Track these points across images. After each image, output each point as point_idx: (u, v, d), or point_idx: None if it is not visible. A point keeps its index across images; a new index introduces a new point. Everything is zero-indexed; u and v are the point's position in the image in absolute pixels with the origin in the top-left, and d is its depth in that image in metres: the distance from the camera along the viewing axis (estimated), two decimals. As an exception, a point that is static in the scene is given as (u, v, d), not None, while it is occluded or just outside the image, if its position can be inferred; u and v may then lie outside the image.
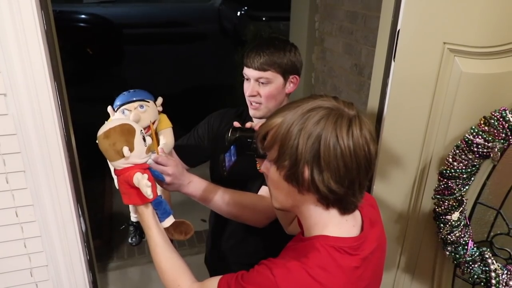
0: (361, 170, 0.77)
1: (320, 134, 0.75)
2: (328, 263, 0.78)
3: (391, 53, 1.29)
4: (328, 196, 0.79)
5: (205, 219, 3.17)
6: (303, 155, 0.76)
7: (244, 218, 1.26)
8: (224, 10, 9.69)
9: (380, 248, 0.93)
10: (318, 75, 2.97)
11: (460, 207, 1.28)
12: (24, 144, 1.22)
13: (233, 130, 1.07)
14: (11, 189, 1.26)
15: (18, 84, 1.16)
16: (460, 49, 1.22)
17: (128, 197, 0.98)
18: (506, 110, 1.16)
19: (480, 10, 1.18)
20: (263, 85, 1.27)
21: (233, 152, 1.05)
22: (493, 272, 1.27)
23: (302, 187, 0.79)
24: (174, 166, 1.11)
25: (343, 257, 0.80)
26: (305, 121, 0.76)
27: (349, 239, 0.83)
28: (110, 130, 0.93)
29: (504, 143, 1.18)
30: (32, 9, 1.11)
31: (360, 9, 2.34)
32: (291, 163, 0.77)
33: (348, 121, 0.76)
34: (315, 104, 0.78)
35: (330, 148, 0.74)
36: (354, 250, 0.82)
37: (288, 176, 0.79)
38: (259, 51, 1.26)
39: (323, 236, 0.82)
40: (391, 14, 1.27)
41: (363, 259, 0.83)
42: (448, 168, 1.26)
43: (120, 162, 0.95)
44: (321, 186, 0.77)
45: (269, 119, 0.82)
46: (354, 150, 0.75)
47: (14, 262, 1.36)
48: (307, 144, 0.75)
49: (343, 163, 0.75)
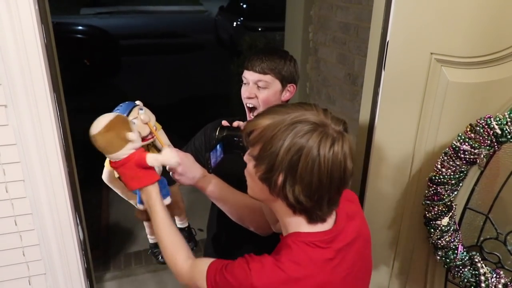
0: (333, 187, 0.81)
1: (302, 147, 0.77)
2: (299, 257, 0.83)
3: (381, 63, 1.33)
4: (295, 206, 0.83)
5: (202, 229, 3.19)
6: (281, 165, 0.79)
7: (251, 221, 1.24)
8: (220, 20, 9.77)
9: (361, 239, 0.95)
10: (312, 84, 3.02)
11: (450, 212, 1.31)
12: (24, 154, 1.25)
13: (220, 129, 1.10)
14: (11, 198, 1.29)
15: (19, 95, 1.19)
16: (447, 59, 1.26)
17: (138, 181, 1.02)
18: (491, 118, 1.20)
19: (466, 22, 1.22)
20: (261, 89, 1.31)
21: (220, 150, 1.09)
22: (482, 276, 1.30)
23: (273, 191, 0.84)
24: (183, 157, 1.12)
25: (314, 250, 0.84)
26: (291, 131, 0.78)
27: (320, 233, 0.86)
28: (110, 122, 0.97)
29: (489, 150, 1.22)
30: (32, 23, 1.14)
31: (353, 20, 2.39)
32: (268, 168, 0.81)
33: (331, 140, 0.78)
34: (303, 117, 0.80)
35: (309, 164, 0.77)
36: (326, 244, 0.86)
37: (262, 178, 0.84)
38: (261, 56, 1.30)
39: (295, 233, 0.87)
40: (380, 26, 1.31)
41: (337, 250, 0.87)
42: (437, 174, 1.29)
43: (127, 149, 0.99)
44: (290, 196, 0.81)
45: (257, 118, 0.85)
46: (331, 168, 0.78)
47: (12, 270, 1.38)
48: (287, 155, 0.78)
49: (318, 179, 0.78)
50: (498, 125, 1.19)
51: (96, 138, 0.96)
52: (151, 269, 2.73)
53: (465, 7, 1.21)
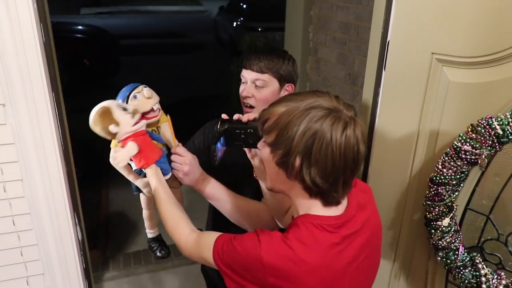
0: (347, 169, 0.84)
1: (316, 131, 0.81)
2: (306, 237, 0.85)
3: (382, 63, 1.32)
4: (312, 188, 0.86)
5: (201, 229, 3.19)
6: (297, 148, 0.82)
7: (248, 225, 1.26)
8: (220, 21, 9.77)
9: (371, 229, 0.97)
10: (312, 85, 3.01)
11: (450, 213, 1.31)
12: (22, 153, 1.24)
13: (221, 122, 1.10)
14: (9, 197, 1.28)
15: (17, 94, 1.18)
16: (448, 59, 1.26)
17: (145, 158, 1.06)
18: (492, 118, 1.20)
19: (466, 21, 1.22)
20: (259, 88, 1.31)
21: (222, 143, 1.10)
22: (483, 277, 1.29)
23: (290, 175, 0.87)
24: (191, 157, 1.17)
25: (321, 233, 0.86)
26: (305, 117, 0.82)
27: (330, 218, 0.89)
28: (94, 118, 1.02)
29: (490, 150, 1.21)
30: (31, 21, 1.13)
31: (353, 20, 2.39)
32: (285, 152, 0.84)
33: (344, 124, 0.82)
34: (317, 103, 0.84)
35: (323, 147, 0.81)
36: (334, 228, 0.88)
37: (279, 162, 0.87)
38: (260, 55, 1.30)
39: (305, 214, 0.90)
40: (381, 26, 1.31)
41: (344, 237, 0.88)
42: (438, 174, 1.29)
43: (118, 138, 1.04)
44: (307, 178, 0.84)
45: (272, 106, 0.89)
46: (344, 150, 0.82)
47: (10, 270, 1.37)
48: (303, 138, 0.81)
49: (332, 161, 0.82)
50: (499, 125, 1.18)
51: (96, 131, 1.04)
52: (150, 269, 2.73)
53: (466, 7, 1.20)
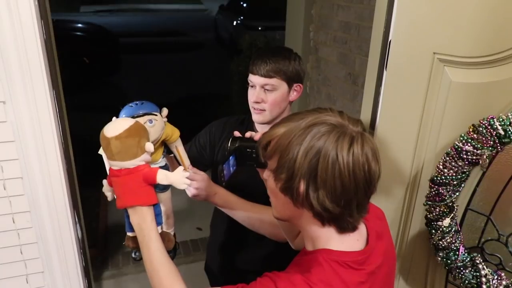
0: (359, 190, 0.75)
1: (320, 150, 0.73)
2: (332, 279, 0.76)
3: (383, 63, 1.32)
4: (322, 214, 0.77)
5: (201, 228, 3.19)
6: (300, 170, 0.74)
7: (264, 232, 1.26)
8: (220, 19, 9.77)
9: (388, 262, 0.90)
10: (313, 84, 3.01)
11: (451, 213, 1.30)
12: (22, 151, 1.24)
13: (232, 140, 1.05)
14: (8, 195, 1.28)
15: (17, 92, 1.18)
16: (449, 59, 1.25)
17: (135, 197, 0.93)
18: (494, 118, 1.19)
19: (468, 21, 1.21)
20: (268, 92, 1.30)
21: (232, 162, 1.04)
22: (483, 278, 1.29)
23: (297, 201, 0.78)
24: (200, 181, 1.17)
25: (347, 272, 0.78)
26: (307, 135, 0.74)
27: (354, 253, 0.81)
28: (132, 127, 0.91)
29: (492, 150, 1.21)
30: (32, 18, 1.13)
31: (354, 19, 2.38)
32: (288, 176, 0.76)
33: (350, 139, 0.74)
34: (319, 119, 0.76)
35: (329, 166, 0.73)
36: (359, 265, 0.80)
37: (283, 188, 0.79)
38: (265, 59, 1.28)
39: (326, 250, 0.81)
40: (382, 25, 1.30)
41: (369, 273, 0.81)
42: (439, 175, 1.28)
43: (140, 159, 0.92)
44: (315, 204, 0.75)
45: (272, 129, 0.82)
46: (353, 169, 0.73)
47: (10, 268, 1.36)
48: (306, 159, 0.74)
49: (341, 182, 0.73)
50: (501, 125, 1.18)
51: (112, 141, 0.89)
52: (149, 268, 2.72)
53: (469, 6, 1.20)
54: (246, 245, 1.46)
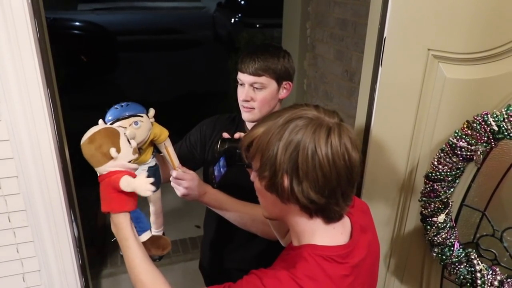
0: (342, 179, 0.77)
1: (298, 143, 0.75)
2: (316, 273, 0.78)
3: (378, 60, 1.32)
4: (309, 206, 0.79)
5: (199, 225, 3.19)
6: (282, 165, 0.76)
7: (255, 230, 1.26)
8: (218, 17, 9.75)
9: (372, 254, 0.92)
10: (310, 81, 3.01)
11: (446, 209, 1.31)
12: (17, 149, 1.24)
13: (221, 142, 1.06)
14: (4, 194, 1.28)
15: (11, 90, 1.17)
16: (444, 55, 1.25)
17: (107, 203, 0.93)
18: (488, 114, 1.20)
19: (463, 17, 1.22)
20: (257, 90, 1.29)
21: (222, 164, 1.05)
22: (478, 273, 1.30)
23: (283, 197, 0.80)
24: (190, 180, 1.17)
25: (331, 265, 0.80)
26: (285, 131, 0.76)
27: (337, 248, 0.83)
28: (94, 134, 0.91)
29: (486, 146, 1.21)
30: (25, 17, 1.12)
31: (350, 16, 2.38)
32: (271, 173, 0.78)
33: (327, 130, 0.75)
34: (295, 115, 0.78)
35: (308, 158, 0.74)
36: (343, 258, 0.82)
37: (269, 186, 0.80)
38: (254, 57, 1.27)
39: (311, 245, 0.82)
40: (377, 22, 1.30)
41: (353, 266, 0.83)
42: (434, 171, 1.29)
43: (108, 166, 0.92)
44: (300, 197, 0.77)
45: (252, 130, 0.83)
46: (333, 159, 0.75)
47: (6, 267, 1.36)
48: (286, 154, 0.75)
49: (322, 173, 0.75)
50: (495, 121, 1.18)
51: (82, 148, 0.91)
52: (147, 266, 2.73)
53: (463, 3, 1.20)
54: (238, 244, 1.45)
